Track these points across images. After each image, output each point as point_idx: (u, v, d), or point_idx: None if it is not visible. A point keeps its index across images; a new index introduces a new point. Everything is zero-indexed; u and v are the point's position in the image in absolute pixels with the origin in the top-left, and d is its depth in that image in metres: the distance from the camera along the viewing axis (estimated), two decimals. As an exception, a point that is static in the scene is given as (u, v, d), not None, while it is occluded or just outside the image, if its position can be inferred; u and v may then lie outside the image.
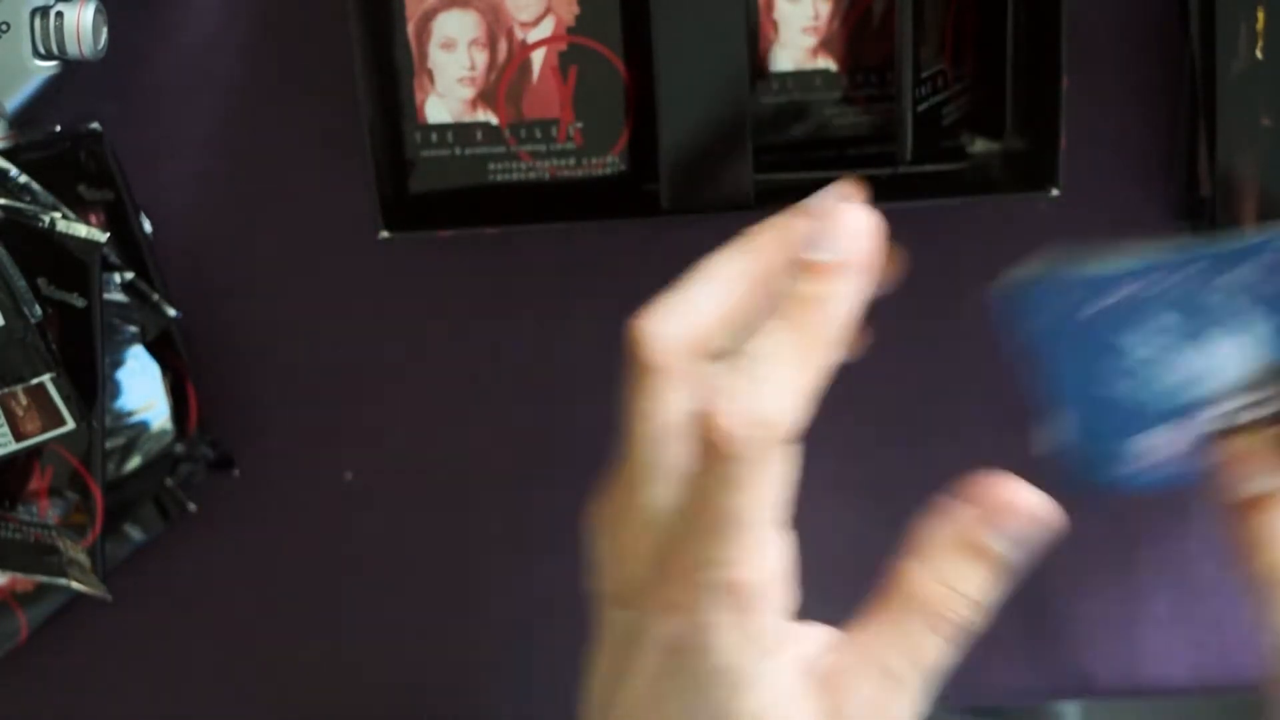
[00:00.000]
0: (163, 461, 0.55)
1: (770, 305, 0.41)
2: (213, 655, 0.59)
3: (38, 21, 0.48)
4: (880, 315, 0.55)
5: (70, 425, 0.49)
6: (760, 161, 0.49)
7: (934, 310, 0.55)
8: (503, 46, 0.49)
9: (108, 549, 0.52)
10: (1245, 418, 0.42)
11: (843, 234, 0.41)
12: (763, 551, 0.39)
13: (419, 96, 0.50)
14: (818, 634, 0.41)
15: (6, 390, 0.48)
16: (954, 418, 0.56)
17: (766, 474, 0.39)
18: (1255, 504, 0.42)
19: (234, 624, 0.58)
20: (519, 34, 0.49)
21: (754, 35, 0.50)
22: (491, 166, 0.50)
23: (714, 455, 0.38)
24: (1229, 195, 0.49)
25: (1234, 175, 0.49)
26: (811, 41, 0.50)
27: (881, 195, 0.51)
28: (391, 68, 0.49)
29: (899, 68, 0.48)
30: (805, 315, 0.40)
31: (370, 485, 0.57)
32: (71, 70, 0.49)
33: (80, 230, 0.47)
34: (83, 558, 0.52)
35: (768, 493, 0.39)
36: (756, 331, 0.40)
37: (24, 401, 0.48)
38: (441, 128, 0.50)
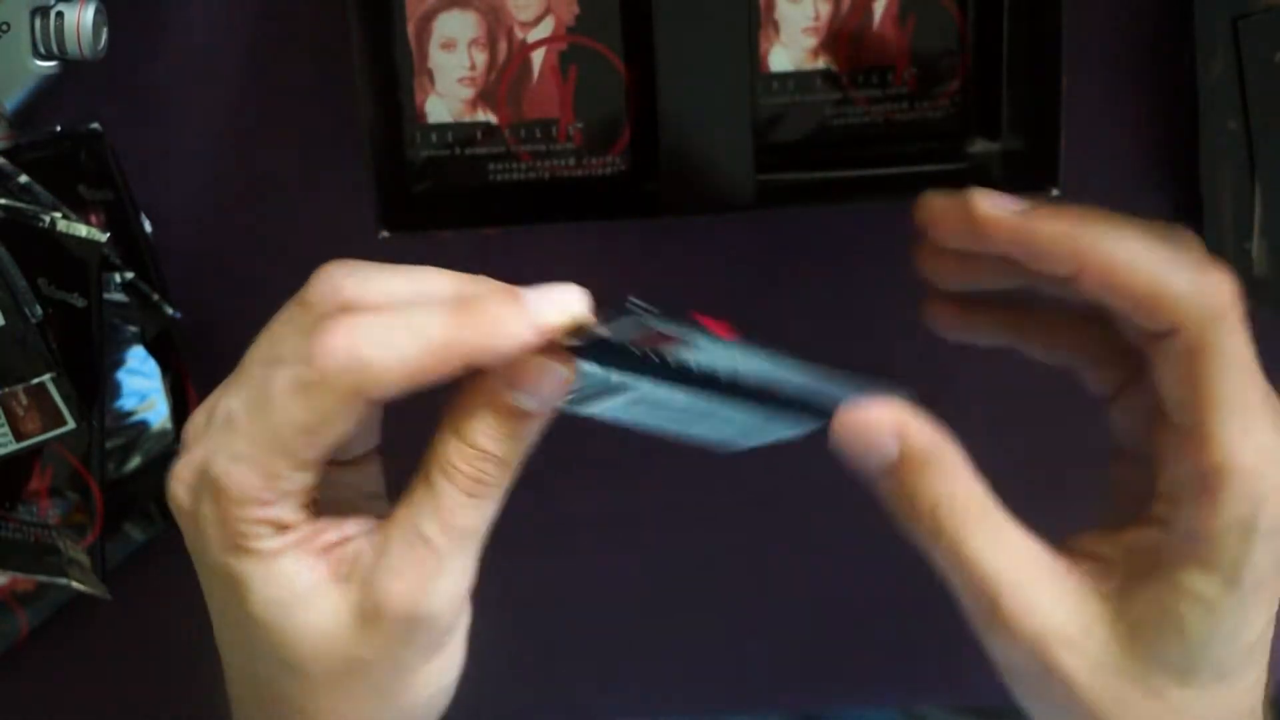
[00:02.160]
0: (163, 461, 0.55)
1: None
2: (212, 655, 0.59)
3: (38, 21, 0.48)
4: (881, 315, 0.55)
5: (70, 425, 0.49)
6: (760, 161, 0.49)
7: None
8: (503, 46, 0.49)
9: (108, 549, 0.52)
10: None
11: (552, 304, 0.40)
12: (273, 454, 0.38)
13: (419, 96, 0.50)
14: (357, 522, 0.40)
15: (7, 390, 0.48)
16: (956, 417, 0.56)
17: (328, 399, 0.38)
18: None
19: (234, 624, 0.58)
20: (519, 34, 0.49)
21: (755, 35, 0.50)
22: (491, 166, 0.50)
23: (299, 357, 0.38)
24: (1215, 196, 0.50)
25: (1216, 177, 0.49)
26: (812, 42, 0.50)
27: (882, 195, 0.51)
28: (391, 68, 0.49)
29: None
30: (478, 303, 0.39)
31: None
32: (71, 70, 0.49)
33: (80, 230, 0.47)
34: (83, 557, 0.52)
35: (310, 415, 0.38)
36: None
37: (24, 401, 0.48)
38: (441, 128, 0.50)
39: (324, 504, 0.40)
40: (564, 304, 0.40)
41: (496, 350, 0.39)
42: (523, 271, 0.54)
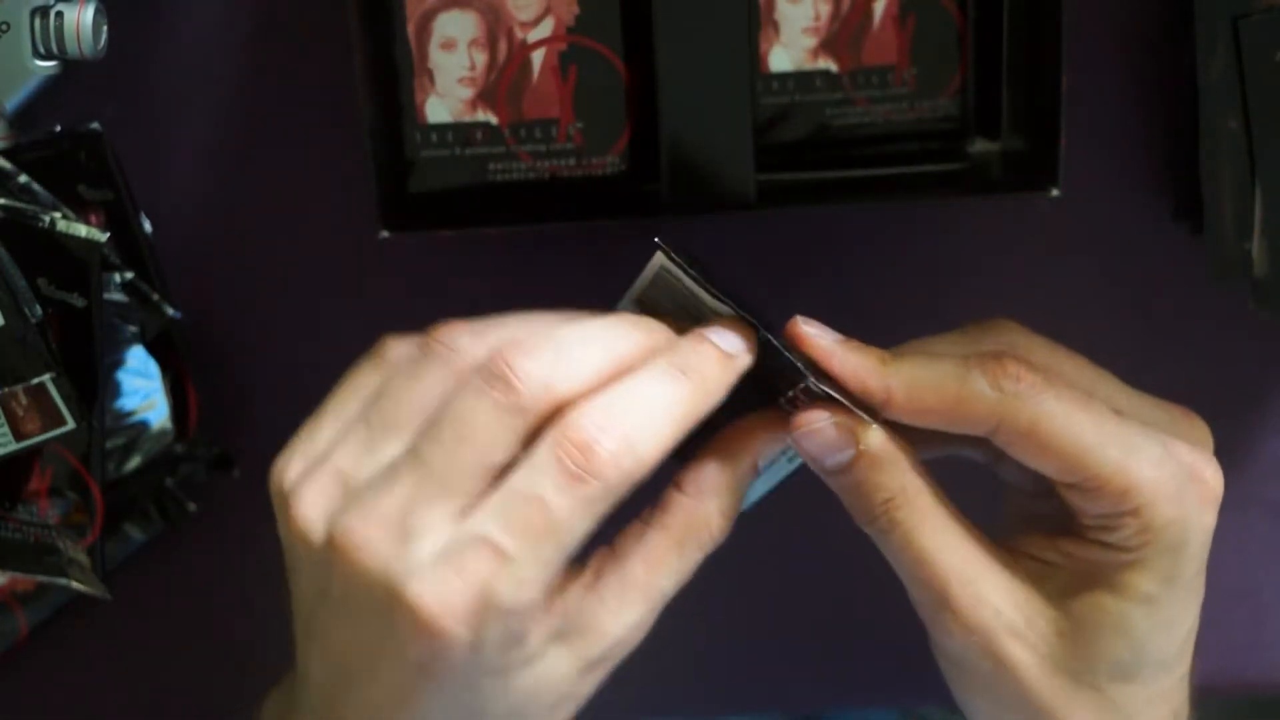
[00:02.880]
0: (163, 461, 0.55)
1: None
2: (213, 655, 0.59)
3: (38, 22, 0.48)
4: (881, 315, 0.55)
5: (70, 425, 0.49)
6: (760, 161, 0.49)
7: (934, 310, 0.55)
8: (503, 46, 0.49)
9: (108, 549, 0.52)
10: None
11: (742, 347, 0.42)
12: (554, 566, 0.39)
13: (419, 96, 0.50)
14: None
15: (7, 390, 0.48)
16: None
17: (608, 502, 0.39)
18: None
19: (234, 624, 0.58)
20: (519, 34, 0.49)
21: (755, 35, 0.50)
22: (491, 166, 0.50)
23: (581, 478, 0.38)
24: (1215, 196, 0.50)
25: (1216, 177, 0.49)
26: (812, 42, 0.50)
27: (882, 195, 0.51)
28: (391, 68, 0.49)
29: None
30: (696, 367, 0.41)
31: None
32: (71, 70, 0.49)
33: (80, 230, 0.47)
34: (83, 557, 0.52)
35: (592, 521, 0.39)
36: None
37: (24, 401, 0.48)
38: (441, 128, 0.50)
39: None
40: (747, 343, 0.42)
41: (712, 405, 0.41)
42: (523, 271, 0.55)
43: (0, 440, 0.49)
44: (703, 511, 0.42)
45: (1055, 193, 0.49)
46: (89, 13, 0.48)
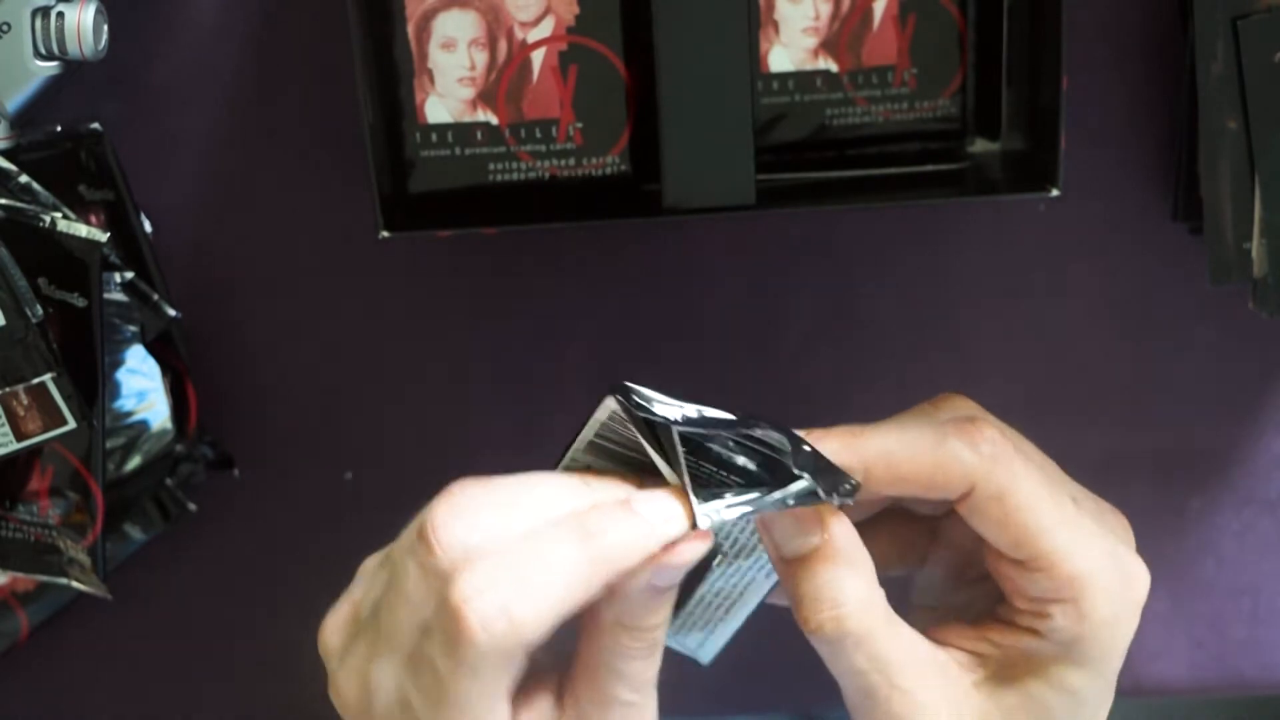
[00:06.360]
0: (163, 461, 0.55)
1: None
2: (213, 655, 0.59)
3: (39, 22, 0.48)
4: (881, 315, 0.55)
5: (71, 424, 0.49)
6: (760, 161, 0.49)
7: (934, 309, 0.55)
8: (503, 46, 0.49)
9: (108, 549, 0.52)
10: None
11: (666, 516, 0.40)
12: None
13: (419, 96, 0.50)
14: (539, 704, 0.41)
15: (8, 390, 0.48)
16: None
17: (506, 667, 0.38)
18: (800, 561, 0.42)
19: (234, 624, 0.58)
20: (519, 34, 0.49)
21: (755, 35, 0.50)
22: (491, 166, 0.50)
23: (454, 642, 0.37)
24: (1215, 196, 0.50)
25: (1216, 177, 0.49)
26: (812, 42, 0.50)
27: (882, 195, 0.51)
28: (391, 68, 0.49)
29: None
30: (602, 529, 0.39)
31: (370, 485, 0.57)
32: (72, 70, 0.49)
33: (80, 230, 0.47)
34: (83, 557, 0.52)
35: (501, 684, 0.38)
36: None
37: (25, 401, 0.48)
38: (441, 128, 0.50)
39: None
40: (676, 513, 0.40)
41: (629, 570, 0.39)
42: (523, 271, 0.55)
43: (1, 440, 0.49)
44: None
45: (1055, 193, 0.49)
46: (89, 13, 0.48)
